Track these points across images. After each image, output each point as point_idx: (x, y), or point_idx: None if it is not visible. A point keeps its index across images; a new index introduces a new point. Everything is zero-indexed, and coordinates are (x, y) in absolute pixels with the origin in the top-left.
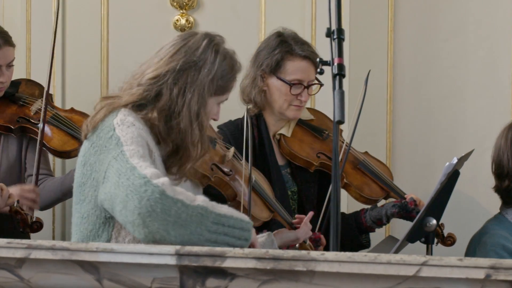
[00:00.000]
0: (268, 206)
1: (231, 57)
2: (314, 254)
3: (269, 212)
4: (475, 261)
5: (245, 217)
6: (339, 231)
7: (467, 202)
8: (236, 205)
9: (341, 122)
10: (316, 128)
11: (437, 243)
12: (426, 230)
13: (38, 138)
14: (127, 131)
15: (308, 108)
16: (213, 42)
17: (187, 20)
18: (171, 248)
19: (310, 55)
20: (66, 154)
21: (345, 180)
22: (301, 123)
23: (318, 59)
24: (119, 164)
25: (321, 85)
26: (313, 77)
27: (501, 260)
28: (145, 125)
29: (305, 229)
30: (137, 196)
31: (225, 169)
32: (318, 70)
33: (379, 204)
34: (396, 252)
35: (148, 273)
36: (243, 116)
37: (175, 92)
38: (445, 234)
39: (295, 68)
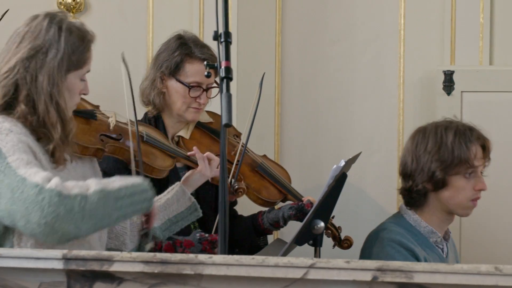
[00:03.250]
0: (167, 154)
1: (79, 29)
2: (202, 257)
3: (171, 158)
4: (362, 263)
5: (138, 180)
6: (227, 234)
7: (354, 205)
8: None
9: (228, 125)
10: (214, 130)
11: (334, 246)
12: (314, 232)
13: None
14: (6, 140)
15: (207, 111)
16: (55, 20)
17: None
18: (58, 253)
19: (209, 58)
20: None
21: (243, 182)
22: (199, 125)
23: (205, 62)
24: (9, 178)
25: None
26: (212, 80)
27: (388, 262)
28: (23, 126)
29: (203, 164)
30: (37, 207)
31: (114, 136)
32: (205, 73)
33: (277, 206)
34: (284, 255)
35: (35, 277)
36: (141, 118)
37: (28, 80)
38: (342, 237)
39: (194, 70)
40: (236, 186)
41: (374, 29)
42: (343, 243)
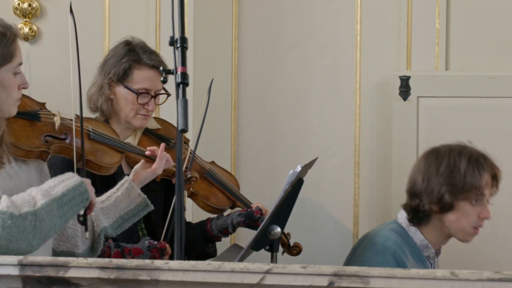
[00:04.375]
0: (116, 149)
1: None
2: (158, 263)
3: (119, 154)
4: (318, 269)
5: (76, 180)
6: (183, 240)
7: (311, 210)
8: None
9: (184, 130)
10: (162, 137)
11: (283, 253)
12: (271, 238)
13: None
14: None
15: (155, 118)
16: None
17: (30, 29)
18: (13, 259)
19: (158, 65)
20: None
21: (191, 189)
22: (147, 132)
23: (161, 68)
24: None
25: (168, 95)
26: (161, 87)
27: (344, 267)
28: None
29: (160, 163)
30: None
31: (59, 136)
32: (162, 79)
33: (226, 213)
34: (241, 260)
35: None
36: None
37: None
38: (291, 244)
39: (142, 77)
40: (189, 175)
41: (331, 34)
42: (293, 250)
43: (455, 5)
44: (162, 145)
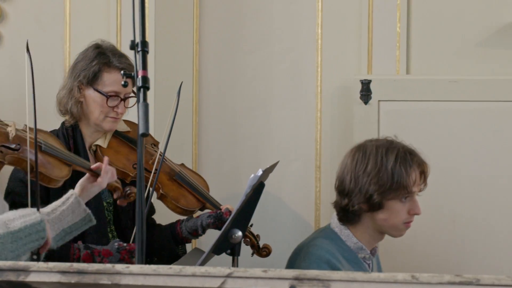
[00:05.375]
0: (64, 162)
1: None
2: (119, 267)
3: (67, 167)
4: (279, 272)
5: (36, 218)
6: (144, 244)
7: (273, 213)
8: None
9: (145, 134)
10: (132, 139)
11: (252, 254)
12: (232, 242)
13: None
14: None
15: (124, 120)
16: None
17: None
18: None
19: (127, 68)
20: None
21: (161, 191)
22: (117, 134)
23: (122, 72)
24: None
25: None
26: (130, 90)
27: (305, 271)
28: None
29: (106, 177)
30: None
31: (13, 146)
32: (122, 83)
33: (196, 215)
34: (202, 264)
35: None
36: (59, 128)
37: None
38: (261, 245)
39: (112, 80)
40: (128, 191)
41: (292, 38)
42: (262, 251)
43: (416, 9)
44: (106, 158)
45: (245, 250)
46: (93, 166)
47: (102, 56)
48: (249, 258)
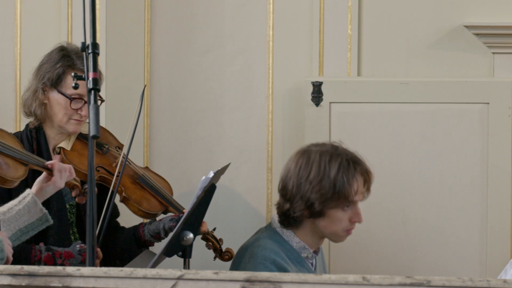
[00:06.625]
0: (21, 162)
1: None
2: (70, 269)
3: (23, 167)
4: (231, 275)
5: None
6: (95, 247)
7: (224, 215)
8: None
9: (96, 136)
10: (96, 142)
11: (215, 258)
12: (183, 244)
13: None
14: None
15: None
16: None
17: None
18: None
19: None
20: None
21: (124, 193)
22: (81, 137)
23: (73, 74)
24: None
25: (102, 100)
26: None
27: (256, 273)
28: None
29: (59, 175)
30: None
31: None
32: (73, 85)
33: (158, 218)
34: (154, 266)
35: None
36: (23, 130)
37: None
38: (223, 249)
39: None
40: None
41: (243, 40)
42: (224, 255)
43: (367, 12)
44: (57, 157)
45: (209, 253)
46: (48, 162)
47: (66, 59)
48: (201, 261)
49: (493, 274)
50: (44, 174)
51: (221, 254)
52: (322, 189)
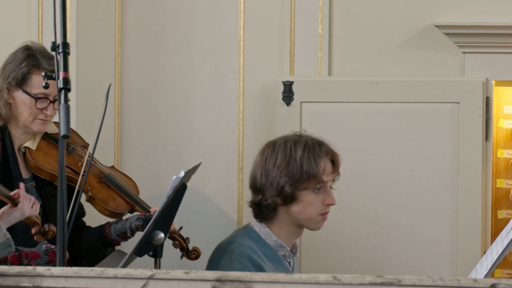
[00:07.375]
0: None
1: None
2: (40, 269)
3: None
4: (201, 274)
5: None
6: (65, 246)
7: (195, 215)
8: None
9: (66, 136)
10: None
11: (181, 257)
12: (154, 243)
13: None
14: None
15: (54, 122)
16: None
17: None
18: None
19: None
20: None
21: (90, 193)
22: (47, 136)
23: (43, 73)
24: None
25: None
26: None
27: (227, 272)
28: None
29: (26, 203)
30: None
31: None
32: (43, 84)
33: (125, 217)
34: (124, 266)
35: None
36: None
37: None
38: (190, 248)
39: (41, 82)
40: (46, 229)
41: (214, 39)
42: (191, 254)
43: (338, 11)
44: (22, 185)
45: (172, 252)
46: (12, 193)
47: (31, 58)
48: (173, 260)
49: (463, 273)
50: (8, 205)
51: (188, 253)
52: (290, 171)
